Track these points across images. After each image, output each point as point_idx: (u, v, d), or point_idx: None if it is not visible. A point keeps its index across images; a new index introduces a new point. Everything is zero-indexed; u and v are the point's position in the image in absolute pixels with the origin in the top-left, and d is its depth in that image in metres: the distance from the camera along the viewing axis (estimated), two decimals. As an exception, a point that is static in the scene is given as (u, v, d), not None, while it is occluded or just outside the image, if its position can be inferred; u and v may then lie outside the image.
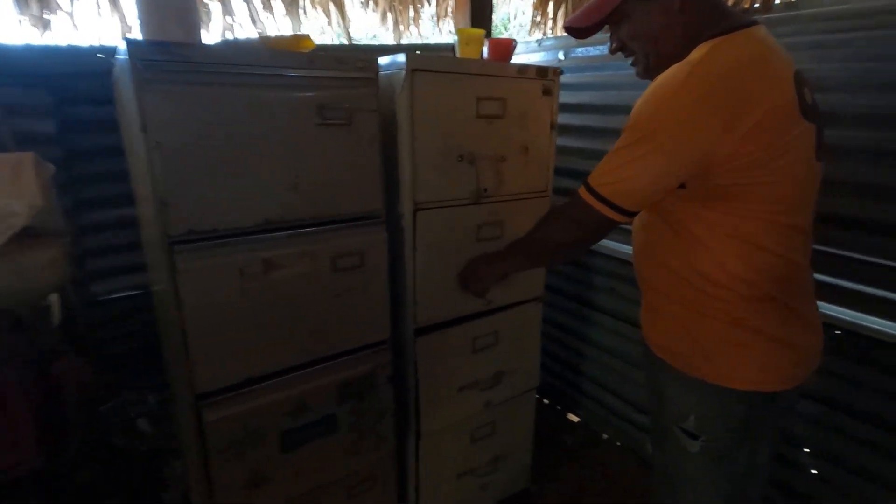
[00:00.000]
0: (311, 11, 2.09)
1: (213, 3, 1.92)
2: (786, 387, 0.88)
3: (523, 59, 2.10)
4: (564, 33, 2.16)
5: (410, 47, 2.15)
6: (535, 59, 2.09)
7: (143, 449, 1.70)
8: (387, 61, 1.17)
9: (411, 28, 2.29)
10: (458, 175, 1.26)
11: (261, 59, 0.97)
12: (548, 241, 1.02)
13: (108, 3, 1.68)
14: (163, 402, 1.82)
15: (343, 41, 2.22)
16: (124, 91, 1.00)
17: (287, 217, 1.05)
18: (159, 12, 0.93)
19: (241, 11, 1.93)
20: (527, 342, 1.56)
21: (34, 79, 1.48)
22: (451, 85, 1.20)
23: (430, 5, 2.29)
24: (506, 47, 1.35)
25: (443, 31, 2.40)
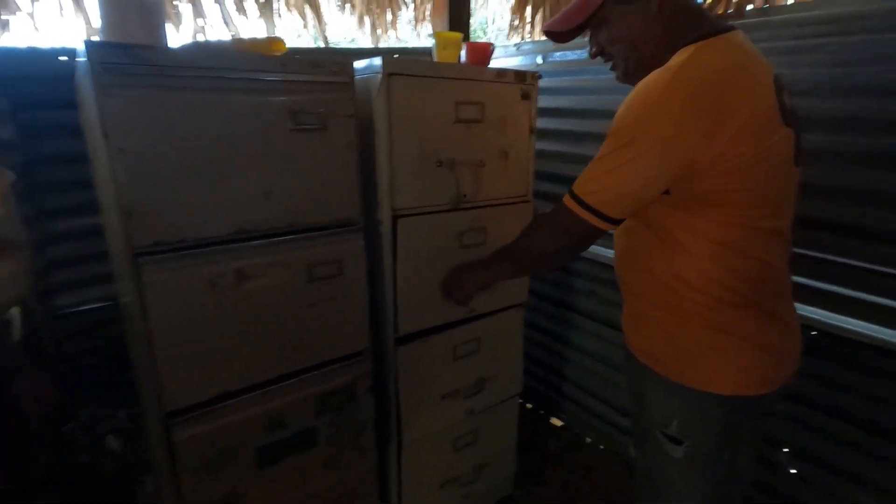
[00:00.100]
0: (287, 14, 2.06)
1: (184, 4, 1.87)
2: (768, 390, 0.88)
3: (501, 63, 2.10)
4: (543, 37, 2.18)
5: (388, 51, 2.13)
6: (513, 63, 2.09)
7: (112, 467, 1.63)
8: (363, 65, 1.15)
9: (389, 31, 2.27)
10: (436, 181, 1.24)
11: (230, 62, 0.93)
12: (532, 250, 1.01)
13: (72, 3, 1.61)
14: (133, 416, 1.75)
15: (320, 44, 2.18)
16: (86, 95, 0.96)
17: (260, 225, 1.02)
18: (122, 14, 0.89)
19: (212, 13, 1.89)
20: (509, 348, 1.55)
21: (-9, 82, 1.41)
22: (428, 89, 1.18)
23: (408, 9, 2.28)
24: (483, 51, 1.34)
25: (421, 35, 2.38)
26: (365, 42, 2.30)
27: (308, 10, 2.06)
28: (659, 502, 1.00)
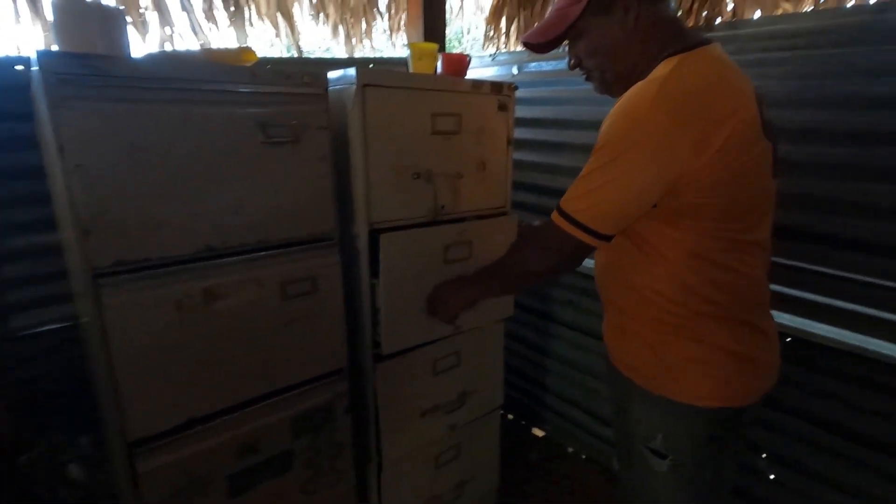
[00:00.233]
0: (258, 22, 2.01)
1: (150, 12, 1.81)
2: (751, 401, 0.88)
3: (477, 73, 2.10)
4: (518, 48, 2.20)
5: (363, 61, 2.11)
6: (488, 73, 2.10)
7: (75, 498, 1.53)
8: (337, 76, 1.12)
9: (364, 41, 2.25)
10: (414, 193, 1.22)
11: (196, 73, 0.89)
12: (522, 269, 0.99)
13: (29, 9, 1.54)
14: (97, 443, 1.66)
15: (293, 54, 2.15)
16: (41, 108, 0.90)
17: (230, 242, 0.98)
18: (79, 21, 0.84)
19: (181, 22, 1.83)
20: (490, 361, 1.53)
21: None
22: (404, 100, 1.16)
23: (383, 19, 2.26)
24: (460, 62, 1.33)
25: (396, 45, 2.37)
26: (339, 52, 2.27)
27: (281, 18, 2.03)
28: None
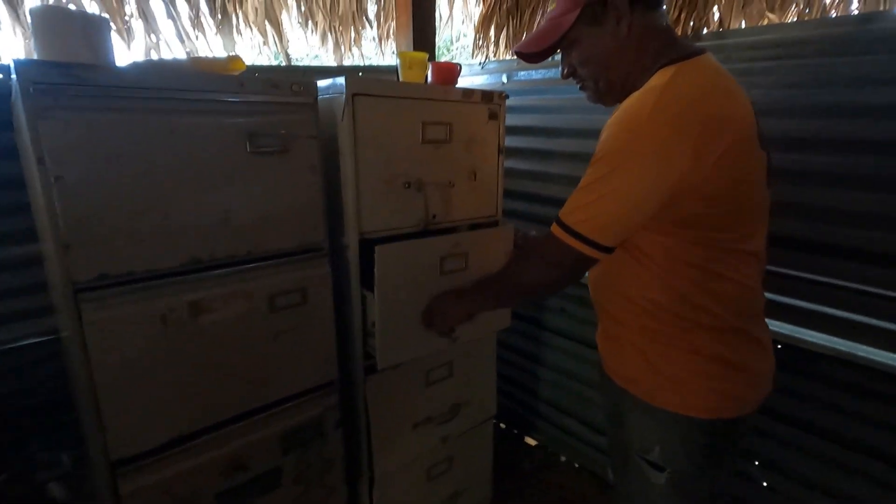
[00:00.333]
0: (246, 30, 2.00)
1: (136, 20, 1.78)
2: (748, 412, 0.88)
3: (466, 81, 2.10)
4: (507, 56, 2.20)
5: (352, 69, 2.10)
6: (478, 81, 2.10)
7: (54, 519, 1.48)
8: (326, 84, 1.11)
9: (353, 49, 2.24)
10: (405, 202, 1.21)
11: (182, 82, 0.88)
12: (522, 283, 0.97)
13: (8, 15, 1.51)
14: (79, 460, 1.61)
15: (281, 61, 2.13)
16: (20, 117, 0.88)
17: (217, 254, 0.96)
18: (59, 29, 0.82)
19: (167, 29, 1.81)
20: (482, 371, 1.52)
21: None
22: (394, 109, 1.15)
23: (372, 27, 2.26)
24: (450, 71, 1.32)
25: (385, 53, 2.37)
26: (328, 59, 2.25)
27: (268, 26, 2.01)
28: None
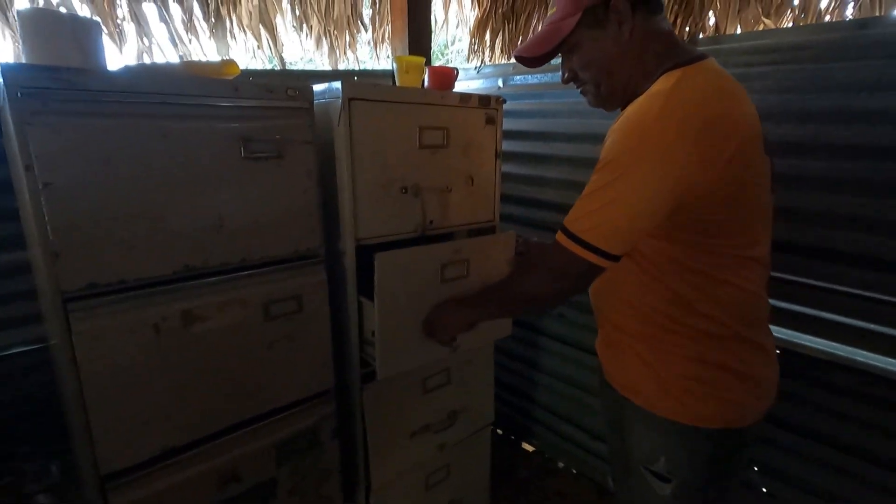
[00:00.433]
0: (240, 34, 1.98)
1: (128, 24, 1.76)
2: (754, 421, 0.86)
3: (462, 86, 2.09)
4: (503, 61, 2.20)
5: (347, 73, 2.09)
6: (473, 86, 2.09)
7: (42, 531, 1.45)
8: (322, 89, 1.10)
9: (348, 53, 2.23)
10: (401, 208, 1.20)
11: (175, 86, 0.86)
12: (525, 293, 0.93)
13: (-2, 19, 1.49)
14: (69, 470, 1.58)
15: (275, 65, 2.11)
16: (6, 123, 0.86)
17: (210, 261, 0.94)
18: (48, 33, 0.80)
19: (159, 33, 1.79)
20: (480, 377, 1.50)
21: None
22: (391, 114, 1.14)
23: (367, 31, 2.25)
24: (447, 76, 1.31)
25: (380, 58, 2.36)
26: (322, 63, 2.24)
27: (263, 30, 1.99)
28: None
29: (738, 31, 1.52)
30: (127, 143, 0.81)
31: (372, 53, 2.42)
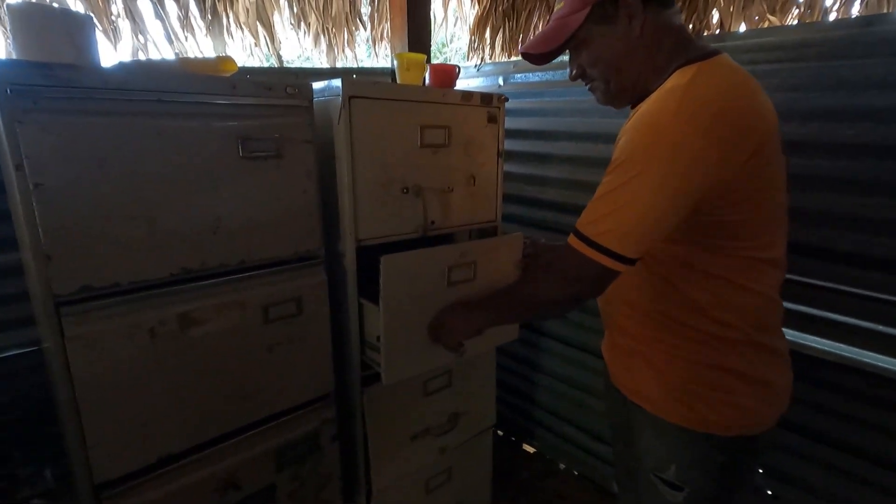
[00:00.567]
0: (237, 32, 1.95)
1: (123, 20, 1.73)
2: (767, 428, 0.84)
3: (461, 84, 2.06)
4: (503, 59, 2.18)
5: (346, 71, 2.06)
6: (473, 84, 2.07)
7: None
8: (321, 87, 1.08)
9: (346, 51, 2.21)
10: (402, 208, 1.18)
11: (171, 83, 0.84)
12: (537, 299, 0.90)
13: (-11, 16, 1.46)
14: (63, 476, 1.55)
15: (272, 63, 2.09)
16: (-3, 120, 0.83)
17: (208, 263, 0.91)
18: (40, 28, 0.78)
19: (155, 30, 1.76)
20: (482, 379, 1.48)
21: None
22: (392, 112, 1.12)
23: (366, 28, 2.22)
24: (449, 73, 1.29)
25: (379, 55, 2.33)
26: (320, 61, 2.21)
27: (260, 27, 1.97)
28: None
29: (743, 28, 1.51)
30: (121, 142, 0.79)
31: (370, 51, 2.39)
